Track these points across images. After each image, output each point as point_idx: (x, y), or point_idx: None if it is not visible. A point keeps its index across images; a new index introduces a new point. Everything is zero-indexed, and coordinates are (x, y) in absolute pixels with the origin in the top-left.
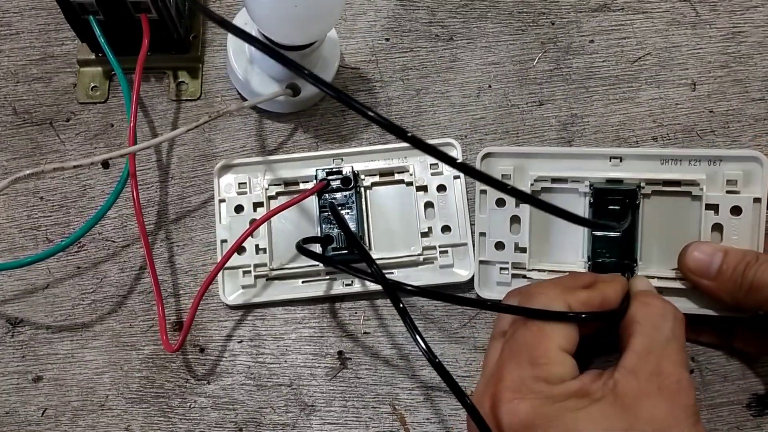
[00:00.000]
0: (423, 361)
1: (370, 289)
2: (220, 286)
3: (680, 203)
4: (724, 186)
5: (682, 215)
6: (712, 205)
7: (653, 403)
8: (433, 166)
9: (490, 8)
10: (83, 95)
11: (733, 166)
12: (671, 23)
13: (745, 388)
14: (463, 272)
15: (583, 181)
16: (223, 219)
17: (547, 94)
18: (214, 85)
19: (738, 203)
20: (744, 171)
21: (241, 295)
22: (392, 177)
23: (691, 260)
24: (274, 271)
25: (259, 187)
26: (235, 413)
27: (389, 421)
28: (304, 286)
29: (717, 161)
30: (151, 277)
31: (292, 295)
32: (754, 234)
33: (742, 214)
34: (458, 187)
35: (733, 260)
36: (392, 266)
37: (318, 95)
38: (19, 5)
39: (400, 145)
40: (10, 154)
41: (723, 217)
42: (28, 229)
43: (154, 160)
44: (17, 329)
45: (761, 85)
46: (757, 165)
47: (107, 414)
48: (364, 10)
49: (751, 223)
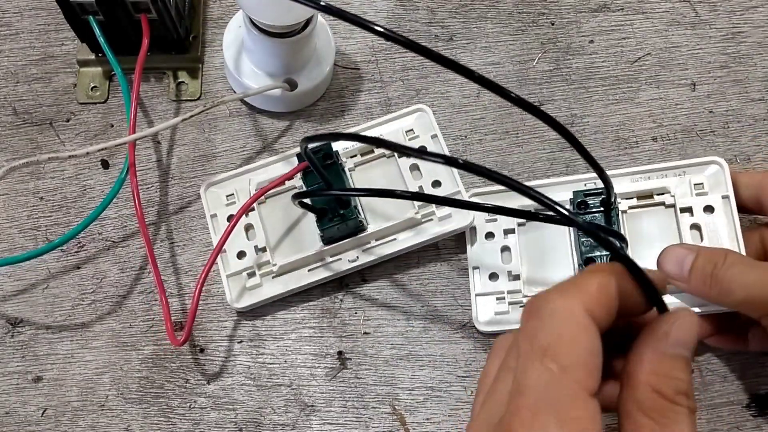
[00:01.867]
0: (423, 361)
1: (375, 259)
2: (226, 293)
3: (656, 215)
4: (693, 190)
5: (661, 226)
6: (685, 208)
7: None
8: (409, 132)
9: (490, 8)
10: (83, 95)
11: (698, 172)
12: (671, 23)
13: (745, 388)
14: (462, 219)
15: (564, 204)
16: (218, 232)
17: (547, 94)
18: (214, 85)
19: (709, 202)
20: (707, 176)
21: (249, 297)
22: (372, 153)
23: (665, 264)
24: (277, 267)
25: (246, 194)
26: (235, 413)
27: (389, 421)
28: (310, 273)
29: (682, 172)
30: (152, 268)
31: (300, 284)
32: (730, 226)
33: (715, 212)
34: (437, 145)
35: (701, 261)
36: (394, 232)
37: (316, 91)
38: (19, 5)
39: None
40: (10, 154)
41: (698, 216)
42: (28, 229)
43: (154, 160)
44: (17, 329)
45: (761, 86)
46: (719, 168)
47: (107, 414)
48: (364, 10)
49: (724, 218)
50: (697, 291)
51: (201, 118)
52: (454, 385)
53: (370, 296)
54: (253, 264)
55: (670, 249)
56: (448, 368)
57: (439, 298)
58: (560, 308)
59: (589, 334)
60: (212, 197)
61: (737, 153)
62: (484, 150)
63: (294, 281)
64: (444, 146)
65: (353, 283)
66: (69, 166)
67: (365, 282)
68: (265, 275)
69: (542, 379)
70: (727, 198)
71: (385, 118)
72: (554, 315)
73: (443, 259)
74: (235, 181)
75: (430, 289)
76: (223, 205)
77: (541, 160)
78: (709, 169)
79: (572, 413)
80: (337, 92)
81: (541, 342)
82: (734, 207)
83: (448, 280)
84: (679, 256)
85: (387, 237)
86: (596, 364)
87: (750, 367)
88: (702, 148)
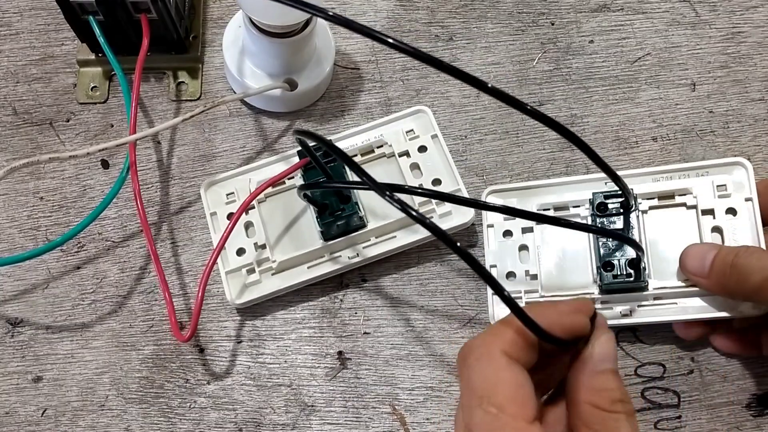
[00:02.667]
0: (423, 361)
1: (374, 256)
2: (225, 290)
3: (678, 215)
4: (715, 192)
5: (682, 226)
6: (707, 210)
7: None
8: (409, 132)
9: (490, 8)
10: (83, 95)
11: (721, 173)
12: (671, 23)
13: (745, 388)
14: (462, 217)
15: (583, 204)
16: (218, 230)
17: (547, 94)
18: (214, 85)
19: (732, 204)
20: (731, 177)
21: (248, 294)
22: (373, 153)
23: (687, 260)
24: (277, 263)
25: (247, 193)
26: (235, 413)
27: (389, 422)
28: (310, 270)
29: (705, 172)
30: (155, 266)
31: (299, 280)
32: (753, 229)
33: (738, 214)
34: (437, 144)
35: (723, 254)
36: (393, 229)
37: (316, 91)
38: (19, 5)
39: (374, 123)
40: (10, 154)
41: (720, 219)
42: (28, 230)
43: (154, 160)
44: (17, 329)
45: (761, 86)
46: (742, 169)
47: (107, 414)
48: (364, 10)
49: (748, 220)
50: (717, 284)
51: (201, 118)
52: (454, 385)
53: (370, 296)
54: (252, 261)
55: (692, 247)
56: (448, 368)
57: (439, 298)
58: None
59: (512, 372)
60: (212, 196)
61: (737, 153)
62: (484, 150)
63: (293, 278)
64: (444, 146)
65: (353, 284)
66: (69, 166)
67: (365, 282)
68: (264, 272)
69: (485, 421)
70: (751, 201)
71: (385, 119)
72: (479, 361)
73: (443, 259)
74: (236, 181)
75: (430, 289)
76: (223, 203)
77: (541, 160)
78: (734, 170)
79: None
80: (337, 92)
81: (476, 389)
82: (757, 210)
83: (448, 280)
84: (701, 252)
85: (387, 234)
86: (526, 394)
87: (750, 367)
88: (702, 148)
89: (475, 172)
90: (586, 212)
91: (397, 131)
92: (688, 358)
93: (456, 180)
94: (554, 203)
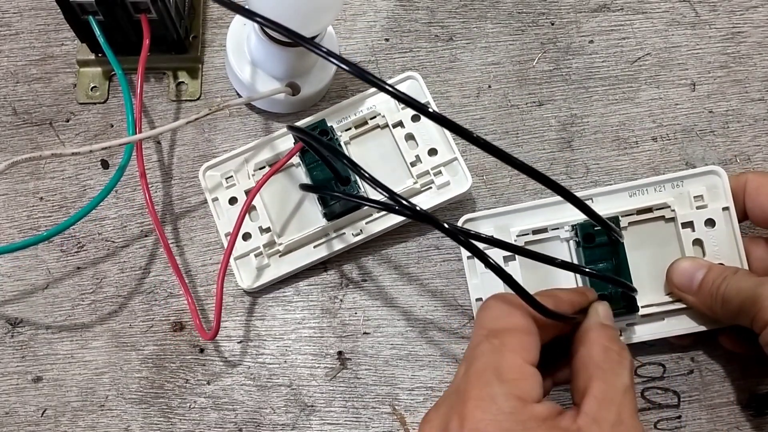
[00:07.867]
0: (423, 361)
1: (378, 231)
2: (236, 275)
3: (657, 229)
4: (693, 203)
5: (662, 240)
6: (686, 223)
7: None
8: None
9: (490, 8)
10: (83, 95)
11: (696, 183)
12: (671, 23)
13: (744, 388)
14: (461, 185)
15: (563, 227)
16: (221, 215)
17: (547, 94)
18: (214, 85)
19: (710, 215)
20: (706, 186)
21: (259, 278)
22: (367, 125)
23: (677, 275)
24: (283, 245)
25: (245, 174)
26: (235, 413)
27: (389, 422)
28: (316, 249)
29: (679, 183)
30: (171, 265)
31: (307, 260)
32: (731, 240)
33: (716, 226)
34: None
35: (711, 275)
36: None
37: (318, 95)
38: (19, 5)
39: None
40: (10, 154)
41: (699, 231)
42: (28, 230)
43: (154, 160)
44: (17, 329)
45: (761, 86)
46: (717, 177)
47: (107, 414)
48: (364, 10)
49: (725, 231)
50: (703, 304)
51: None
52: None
53: (370, 296)
54: (259, 245)
55: (681, 261)
56: (448, 368)
57: (439, 298)
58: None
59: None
60: (211, 180)
61: (737, 153)
62: None
63: (301, 259)
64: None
65: (353, 284)
66: (69, 167)
67: (365, 282)
68: (272, 255)
69: (487, 350)
70: (728, 209)
71: (373, 90)
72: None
73: (443, 259)
74: (232, 163)
75: (430, 289)
76: (223, 188)
77: (541, 160)
78: (708, 179)
79: (511, 375)
80: (338, 92)
81: (487, 325)
82: (735, 218)
83: (448, 280)
84: (690, 270)
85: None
86: (531, 341)
87: (750, 367)
88: (702, 148)
89: (475, 172)
90: (566, 234)
91: (387, 100)
92: (688, 358)
93: (452, 149)
94: (532, 228)
